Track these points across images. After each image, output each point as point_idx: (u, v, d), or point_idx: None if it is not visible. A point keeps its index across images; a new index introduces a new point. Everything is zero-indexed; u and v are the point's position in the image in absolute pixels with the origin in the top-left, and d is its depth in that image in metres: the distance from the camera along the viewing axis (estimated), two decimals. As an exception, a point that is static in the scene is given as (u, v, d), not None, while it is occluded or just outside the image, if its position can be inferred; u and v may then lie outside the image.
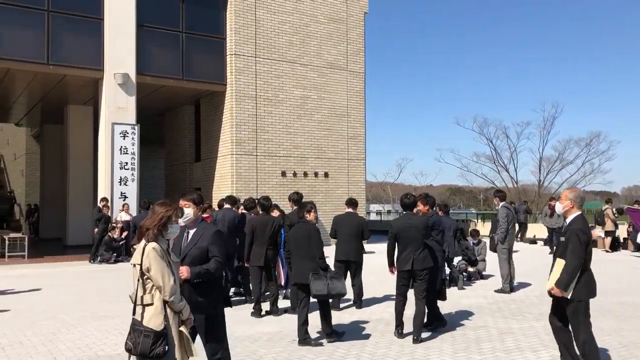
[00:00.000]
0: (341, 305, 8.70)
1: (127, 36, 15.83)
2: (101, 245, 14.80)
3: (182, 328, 3.99)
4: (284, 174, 18.35)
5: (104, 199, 15.42)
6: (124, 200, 15.71)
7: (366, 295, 9.01)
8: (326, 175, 19.30)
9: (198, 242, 4.59)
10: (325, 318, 6.73)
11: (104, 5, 15.70)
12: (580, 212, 5.21)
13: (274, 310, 8.23)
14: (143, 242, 3.92)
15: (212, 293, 4.57)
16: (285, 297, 9.14)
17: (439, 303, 7.39)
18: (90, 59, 15.71)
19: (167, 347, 3.77)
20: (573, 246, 4.98)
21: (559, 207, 5.40)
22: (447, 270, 9.49)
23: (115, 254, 14.94)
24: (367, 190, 22.59)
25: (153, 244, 3.87)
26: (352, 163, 19.94)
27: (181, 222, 4.46)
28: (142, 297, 3.83)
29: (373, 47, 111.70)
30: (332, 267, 8.70)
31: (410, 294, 6.88)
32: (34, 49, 15.02)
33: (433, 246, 7.07)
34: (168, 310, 3.86)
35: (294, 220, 8.16)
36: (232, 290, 9.67)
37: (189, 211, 4.66)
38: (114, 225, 15.15)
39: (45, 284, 11.02)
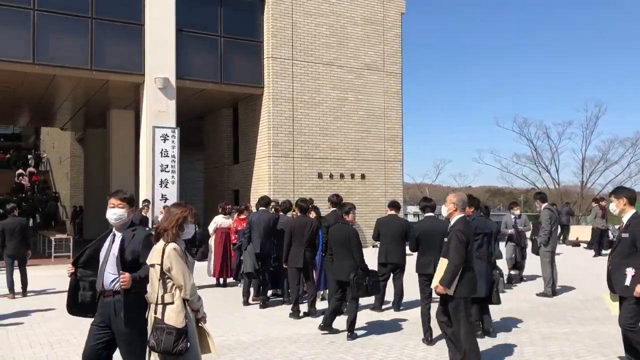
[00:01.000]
0: (382, 307, 8.68)
1: (167, 41, 16.15)
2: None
3: (202, 324, 4.12)
4: (320, 175, 18.39)
5: (145, 201, 15.74)
6: (164, 202, 16.00)
7: (406, 297, 8.95)
8: (363, 177, 19.25)
9: (128, 246, 4.13)
10: (351, 315, 6.89)
11: (145, 12, 16.06)
12: (462, 215, 5.62)
13: (312, 312, 8.26)
14: (161, 242, 3.98)
15: (143, 303, 4.07)
16: (323, 299, 9.17)
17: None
18: (132, 64, 16.09)
19: (188, 344, 3.87)
20: (454, 246, 5.33)
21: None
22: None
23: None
24: (405, 192, 22.45)
25: (173, 245, 3.96)
26: (389, 164, 19.84)
27: (113, 221, 4.18)
28: (162, 296, 3.91)
29: (410, 47, 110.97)
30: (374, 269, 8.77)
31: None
32: (78, 55, 15.47)
33: (481, 253, 6.90)
34: (188, 308, 3.97)
35: (330, 221, 8.25)
36: (270, 291, 9.76)
37: (122, 212, 4.22)
38: (154, 226, 15.46)
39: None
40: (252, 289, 9.50)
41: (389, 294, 8.83)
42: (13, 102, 19.81)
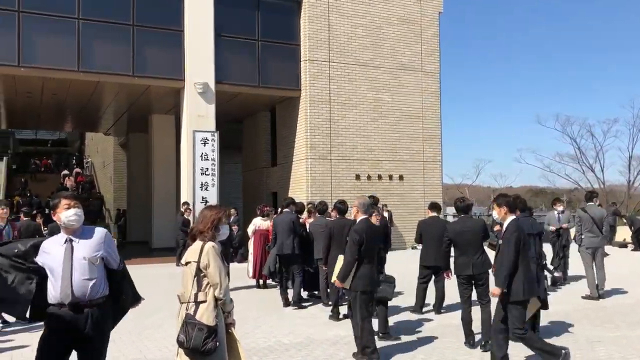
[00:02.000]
0: (423, 310, 8.60)
1: (206, 46, 16.41)
2: (185, 249, 15.38)
3: (232, 330, 4.10)
4: (358, 177, 18.36)
5: (185, 203, 16.03)
6: (204, 204, 16.25)
7: (447, 300, 8.84)
8: (401, 178, 19.12)
9: (95, 249, 3.78)
10: (381, 317, 6.93)
11: (184, 18, 16.36)
12: (365, 217, 6.25)
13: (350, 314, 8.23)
14: (198, 242, 4.03)
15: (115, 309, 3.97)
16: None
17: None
18: (172, 69, 16.42)
19: (217, 344, 3.85)
20: (348, 244, 6.07)
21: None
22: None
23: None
24: (444, 193, 22.17)
25: (212, 243, 4.01)
26: (428, 165, 19.64)
27: (74, 223, 3.75)
28: (196, 294, 3.91)
29: (448, 46, 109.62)
30: (418, 272, 8.71)
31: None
32: (120, 62, 15.88)
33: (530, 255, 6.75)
34: (219, 308, 3.96)
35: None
36: (306, 293, 9.80)
37: (81, 212, 3.81)
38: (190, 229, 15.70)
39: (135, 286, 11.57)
40: (290, 291, 9.55)
41: (430, 297, 8.74)
42: (60, 108, 20.48)
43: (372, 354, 5.92)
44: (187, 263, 4.04)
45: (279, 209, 10.55)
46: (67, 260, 3.67)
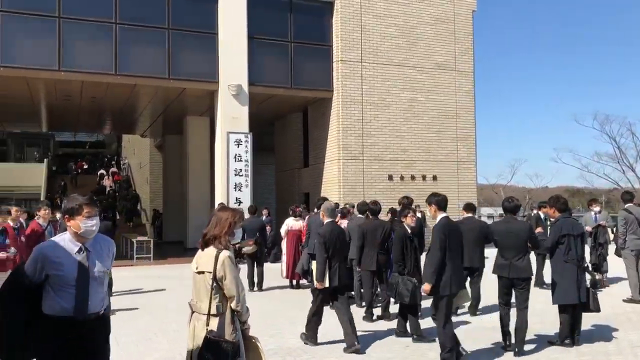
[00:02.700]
0: (458, 312, 8.51)
1: (240, 49, 16.58)
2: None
3: (255, 340, 3.97)
4: (390, 177, 18.26)
5: (221, 204, 16.19)
6: (238, 205, 16.40)
7: (482, 302, 8.72)
8: (435, 178, 18.94)
9: (107, 260, 3.58)
10: (413, 320, 6.94)
11: (218, 21, 16.55)
12: (331, 220, 6.97)
13: (386, 315, 8.20)
14: (212, 249, 3.80)
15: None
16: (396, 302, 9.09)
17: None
18: (206, 72, 16.63)
19: (240, 358, 3.74)
20: (317, 245, 6.72)
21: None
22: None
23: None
24: (478, 193, 21.86)
25: (228, 252, 3.78)
26: (462, 165, 19.41)
27: (92, 233, 3.47)
28: (217, 307, 3.74)
29: (483, 44, 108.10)
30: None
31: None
32: (156, 65, 16.16)
33: (570, 257, 6.60)
34: (236, 320, 3.82)
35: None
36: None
37: (98, 221, 3.55)
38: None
39: (169, 284, 11.78)
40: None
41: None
42: (98, 111, 20.97)
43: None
44: (199, 272, 3.82)
45: (314, 209, 10.56)
46: (84, 272, 3.38)
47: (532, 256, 7.58)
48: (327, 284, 6.54)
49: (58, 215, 10.32)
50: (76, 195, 3.66)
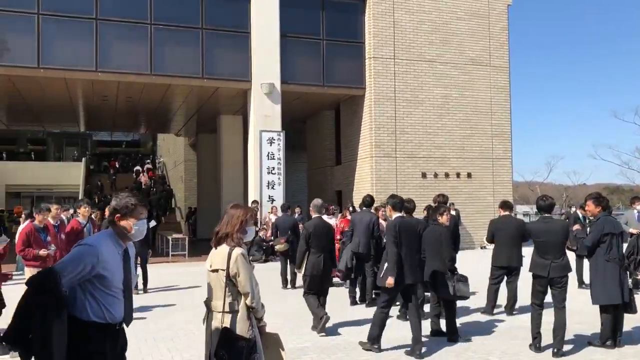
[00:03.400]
0: (494, 311, 8.38)
1: (272, 47, 16.65)
2: (252, 246, 15.70)
3: (276, 336, 3.95)
4: (424, 175, 18.09)
5: (254, 202, 16.33)
6: (271, 203, 16.52)
7: (519, 302, 8.56)
8: (469, 175, 18.69)
9: (134, 261, 3.50)
10: (449, 319, 6.81)
11: (250, 20, 16.66)
12: (317, 216, 7.68)
13: (420, 314, 8.11)
14: (225, 247, 3.80)
15: None
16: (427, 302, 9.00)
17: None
18: (239, 71, 16.76)
19: (257, 355, 3.71)
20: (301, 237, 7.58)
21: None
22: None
23: (264, 254, 15.78)
24: (514, 191, 21.48)
25: (240, 250, 3.77)
26: (497, 162, 19.09)
27: (138, 234, 3.35)
28: (230, 304, 3.73)
29: (518, 39, 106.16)
30: (489, 272, 8.50)
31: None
32: (190, 65, 16.37)
33: (611, 256, 6.41)
34: (252, 317, 3.80)
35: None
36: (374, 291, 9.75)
37: (145, 223, 3.42)
38: (264, 227, 15.99)
39: (204, 281, 11.90)
40: (358, 289, 9.53)
41: (501, 298, 8.50)
42: (134, 111, 21.37)
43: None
44: (213, 270, 3.83)
45: (360, 207, 10.48)
46: (128, 275, 3.28)
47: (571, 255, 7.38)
48: (301, 272, 7.53)
49: (93, 214, 10.54)
50: (128, 194, 3.47)
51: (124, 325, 3.30)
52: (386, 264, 6.28)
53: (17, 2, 14.71)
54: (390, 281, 6.15)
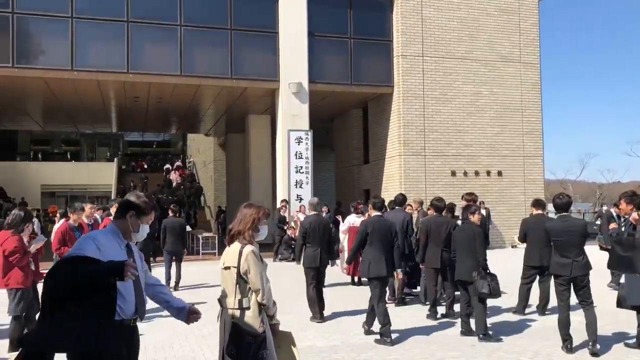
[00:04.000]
0: (525, 311, 8.27)
1: (300, 46, 16.70)
2: (281, 245, 15.79)
3: (289, 334, 3.96)
4: (454, 173, 17.92)
5: (283, 201, 16.42)
6: (299, 202, 16.57)
7: (552, 302, 8.42)
8: (499, 173, 18.44)
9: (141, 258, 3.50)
10: (481, 316, 6.74)
11: (279, 19, 16.74)
12: (314, 213, 8.45)
13: (451, 314, 8.07)
14: (237, 244, 3.86)
15: None
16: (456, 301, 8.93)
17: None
18: (267, 71, 16.85)
19: (267, 351, 3.72)
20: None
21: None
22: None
23: (293, 253, 15.84)
24: (545, 189, 21.13)
25: (251, 247, 3.83)
26: (528, 160, 18.80)
27: (141, 237, 3.39)
28: (240, 301, 3.77)
29: (550, 33, 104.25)
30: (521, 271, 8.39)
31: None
32: (219, 65, 16.52)
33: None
34: (264, 313, 3.82)
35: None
36: (404, 290, 9.71)
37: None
38: (292, 225, 16.05)
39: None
40: (387, 289, 9.49)
41: (533, 298, 8.38)
42: (165, 112, 21.67)
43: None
44: (226, 268, 3.87)
45: (389, 206, 10.44)
46: (139, 268, 3.24)
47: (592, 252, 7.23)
48: (301, 264, 8.32)
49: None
50: (143, 194, 3.55)
51: (138, 321, 3.29)
52: (361, 257, 7.20)
53: (52, 6, 15.06)
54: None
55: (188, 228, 17.05)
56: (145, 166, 40.29)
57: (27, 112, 21.09)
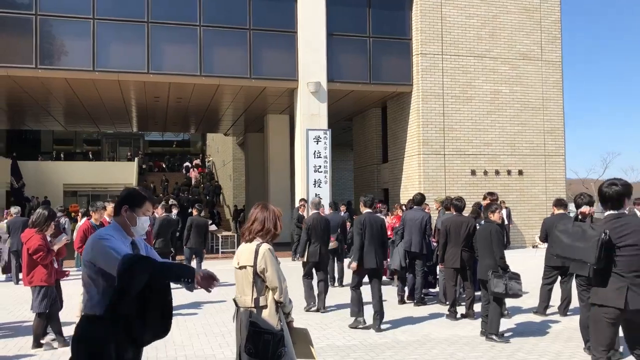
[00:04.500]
0: (547, 312, 8.17)
1: (319, 46, 16.69)
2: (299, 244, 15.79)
3: (305, 331, 3.96)
4: (473, 172, 17.77)
5: (302, 200, 16.41)
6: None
7: (573, 302, 8.31)
8: (520, 172, 18.24)
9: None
10: (495, 316, 6.70)
11: (297, 19, 16.75)
12: (316, 211, 9.02)
13: (470, 314, 8.01)
14: (253, 243, 3.87)
15: None
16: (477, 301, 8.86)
17: None
18: (286, 70, 16.88)
19: (286, 348, 3.73)
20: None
21: None
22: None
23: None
24: (567, 188, 20.84)
25: (267, 245, 3.85)
26: (550, 159, 18.56)
27: (141, 230, 3.39)
28: (256, 300, 3.78)
29: (571, 32, 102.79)
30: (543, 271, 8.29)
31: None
32: (238, 65, 16.59)
33: None
34: (280, 311, 3.83)
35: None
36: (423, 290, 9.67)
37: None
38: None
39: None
40: (406, 288, 9.46)
41: (554, 298, 8.27)
42: (184, 112, 21.84)
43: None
44: (241, 267, 3.88)
45: (411, 205, 10.38)
46: None
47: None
48: (304, 259, 8.81)
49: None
50: (140, 187, 3.49)
51: None
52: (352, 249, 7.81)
53: (74, 8, 15.27)
54: (353, 265, 7.45)
55: (213, 227, 17.16)
56: (164, 165, 40.66)
57: (50, 112, 21.42)
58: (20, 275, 8.39)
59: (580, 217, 6.51)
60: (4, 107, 20.30)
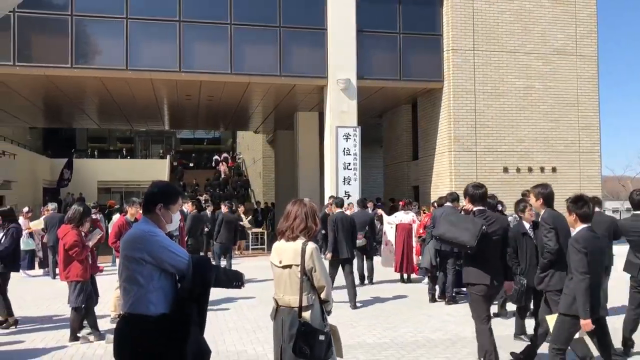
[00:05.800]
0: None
1: (349, 43, 16.65)
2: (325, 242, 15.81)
3: (335, 329, 3.91)
4: (506, 170, 17.50)
5: (332, 197, 16.40)
6: (347, 199, 16.53)
7: (609, 302, 8.11)
8: (554, 170, 17.89)
9: None
10: (518, 316, 6.70)
11: (327, 16, 16.74)
12: (340, 210, 9.49)
13: (503, 313, 7.91)
14: (297, 242, 3.77)
15: None
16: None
17: None
18: (316, 68, 16.88)
19: (332, 347, 3.72)
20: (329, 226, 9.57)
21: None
22: None
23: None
24: (602, 186, 20.37)
25: (314, 244, 3.78)
26: (585, 156, 18.15)
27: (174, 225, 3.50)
28: (306, 298, 3.71)
29: (608, 26, 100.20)
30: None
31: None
32: (268, 63, 16.66)
33: None
34: (324, 310, 3.80)
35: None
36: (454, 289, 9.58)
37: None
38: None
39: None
40: (437, 287, 9.38)
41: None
42: (215, 110, 22.06)
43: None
44: (285, 266, 3.77)
45: (441, 202, 10.30)
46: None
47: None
48: (336, 255, 9.11)
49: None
50: (168, 182, 3.56)
51: None
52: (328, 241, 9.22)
53: (108, 8, 15.55)
54: (329, 255, 8.91)
55: (246, 223, 17.19)
56: (191, 164, 40.97)
57: (85, 110, 21.89)
58: (57, 271, 8.60)
59: None
60: (40, 106, 20.81)
